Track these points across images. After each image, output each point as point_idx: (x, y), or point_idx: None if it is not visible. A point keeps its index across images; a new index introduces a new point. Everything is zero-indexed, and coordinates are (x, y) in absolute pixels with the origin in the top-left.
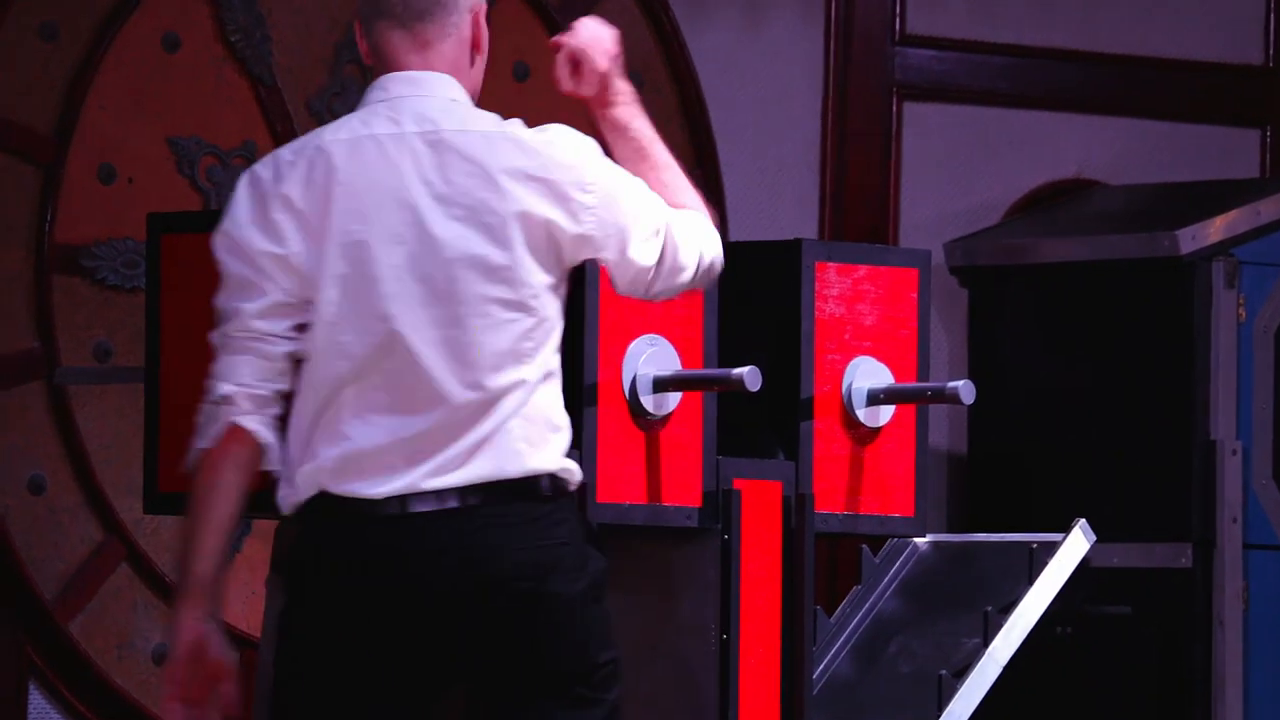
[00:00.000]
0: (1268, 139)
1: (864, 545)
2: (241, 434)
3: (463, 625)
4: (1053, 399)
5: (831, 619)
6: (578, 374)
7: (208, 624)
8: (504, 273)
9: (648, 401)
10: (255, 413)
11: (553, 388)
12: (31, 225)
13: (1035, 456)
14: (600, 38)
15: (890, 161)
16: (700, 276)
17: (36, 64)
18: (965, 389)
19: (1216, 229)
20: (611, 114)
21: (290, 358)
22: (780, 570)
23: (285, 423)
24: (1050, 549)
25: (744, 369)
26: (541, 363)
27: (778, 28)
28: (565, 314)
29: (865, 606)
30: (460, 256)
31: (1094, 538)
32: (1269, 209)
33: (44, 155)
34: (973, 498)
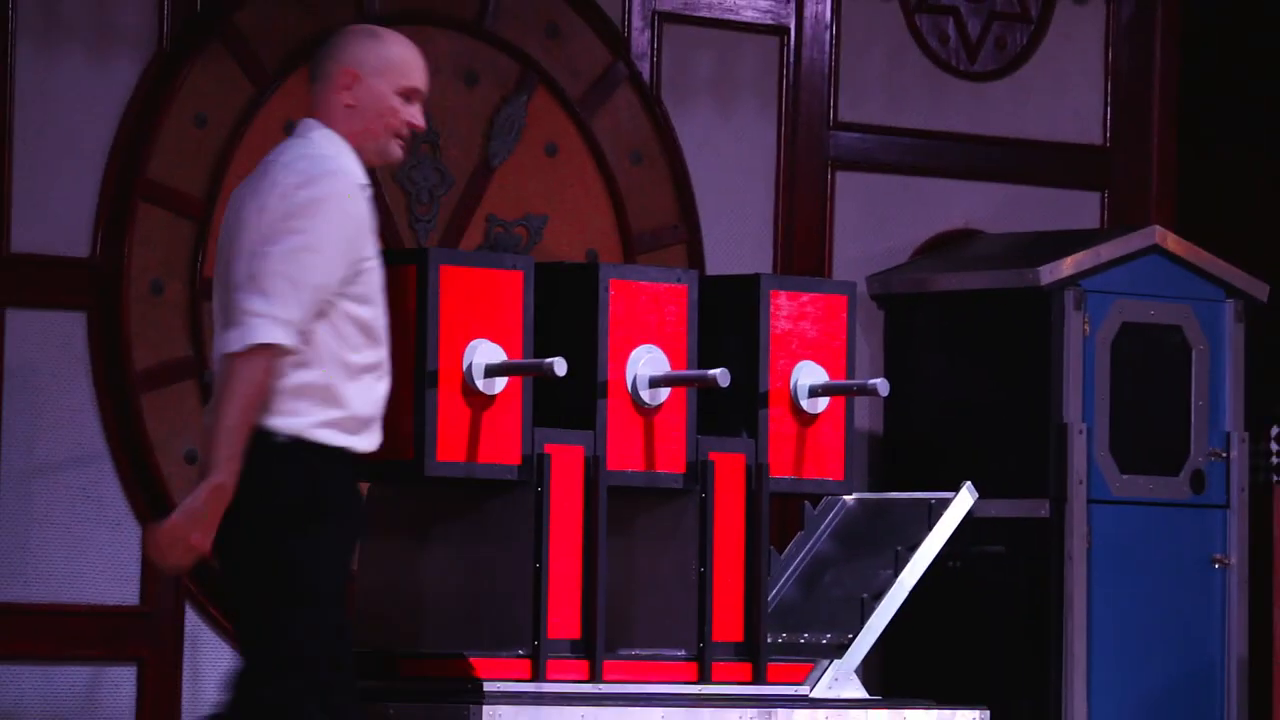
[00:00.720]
0: (1105, 200)
1: (806, 502)
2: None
3: None
4: (947, 392)
5: (781, 556)
6: (591, 374)
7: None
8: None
9: (645, 395)
10: None
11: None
12: (188, 264)
13: (934, 435)
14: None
15: (826, 215)
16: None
17: (191, 144)
18: (882, 385)
19: (1068, 266)
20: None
21: None
22: (744, 520)
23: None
24: (944, 504)
25: (718, 370)
26: None
27: (742, 117)
28: (581, 330)
29: (806, 547)
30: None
31: (977, 495)
32: (1107, 251)
33: (197, 212)
34: (887, 466)
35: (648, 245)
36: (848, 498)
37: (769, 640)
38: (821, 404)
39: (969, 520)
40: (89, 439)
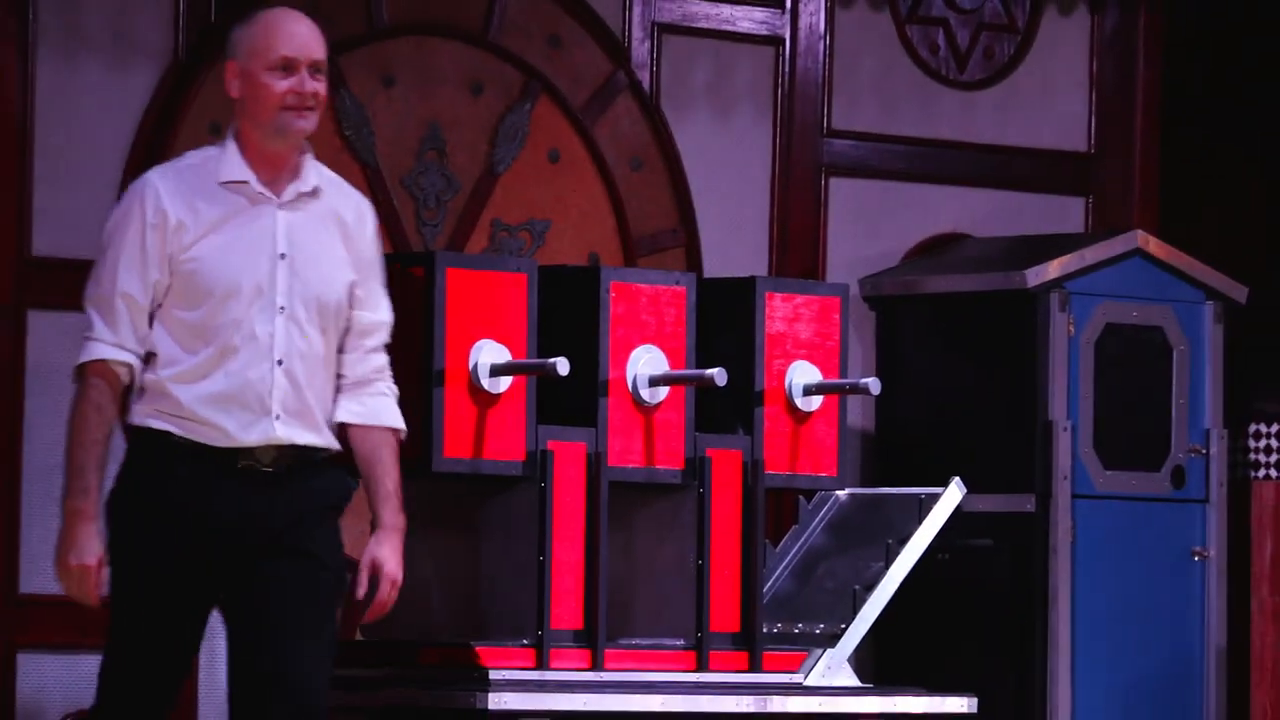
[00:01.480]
0: (1089, 205)
1: (800, 496)
2: None
3: None
4: (936, 391)
5: (777, 549)
6: (592, 373)
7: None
8: None
9: (645, 393)
10: None
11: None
12: None
13: (924, 433)
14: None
15: (820, 220)
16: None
17: None
18: (874, 384)
19: (1053, 269)
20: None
21: None
22: (740, 515)
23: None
24: (934, 499)
25: (715, 370)
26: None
27: (739, 124)
28: (583, 331)
29: (801, 540)
30: None
31: (965, 490)
32: (1090, 255)
33: None
34: (878, 462)
35: (647, 249)
36: (840, 493)
37: (764, 630)
38: (815, 402)
39: (957, 514)
40: None
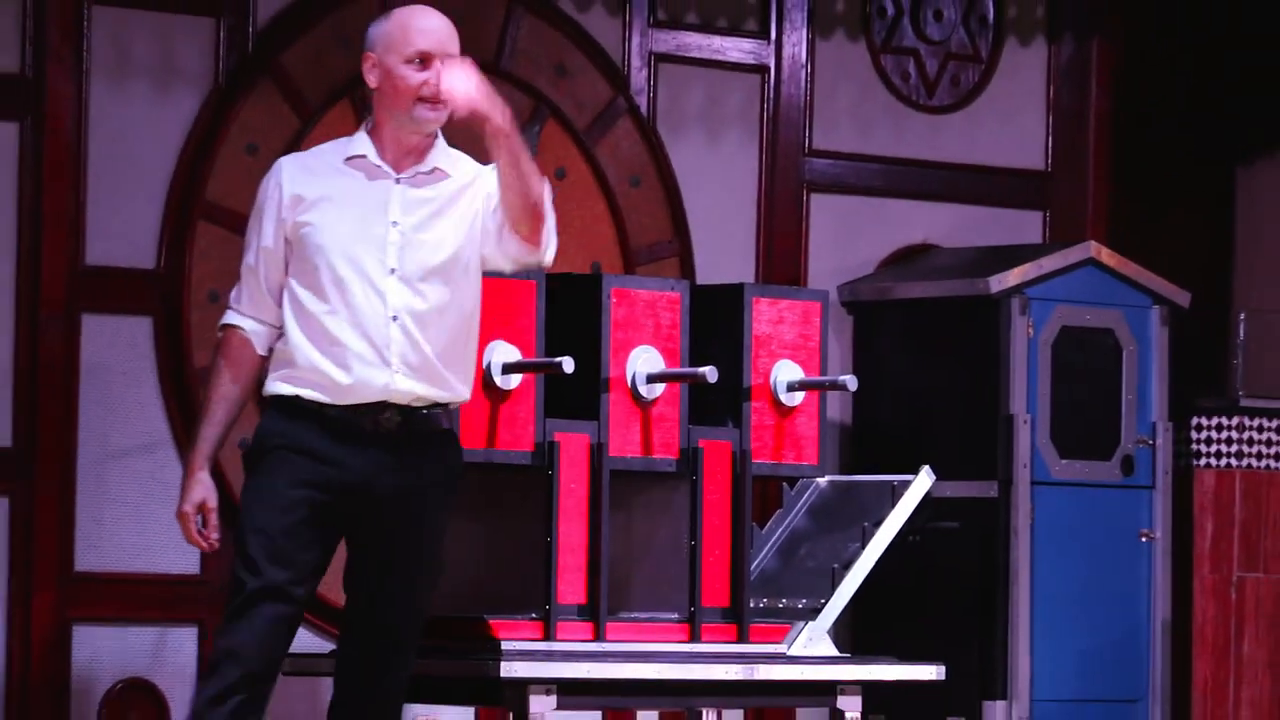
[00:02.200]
0: (1047, 219)
1: (784, 483)
2: None
3: None
4: (908, 387)
5: (762, 531)
6: (595, 371)
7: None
8: None
9: (643, 390)
10: None
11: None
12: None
13: (896, 425)
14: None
15: (802, 232)
16: None
17: (243, 170)
18: (851, 381)
19: (1014, 277)
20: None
21: None
22: (729, 500)
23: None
24: (905, 485)
25: (707, 368)
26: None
27: (728, 145)
28: (587, 333)
29: (784, 523)
30: None
31: (934, 478)
32: (1048, 264)
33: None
34: (855, 452)
35: (645, 258)
36: (821, 480)
37: (751, 605)
38: (798, 398)
39: (927, 500)
40: (155, 428)
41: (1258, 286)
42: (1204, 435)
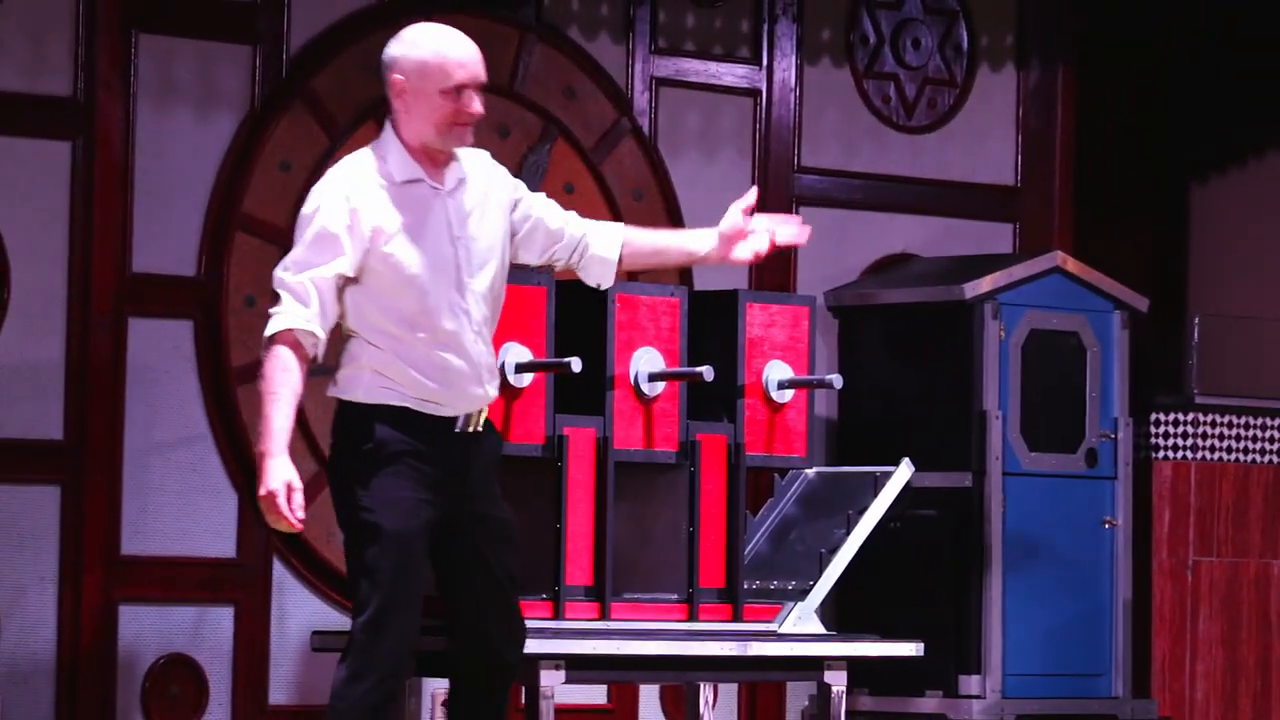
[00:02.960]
0: (1017, 230)
1: (775, 473)
2: None
3: None
4: (890, 386)
5: (755, 518)
6: (601, 370)
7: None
8: None
9: (645, 388)
10: None
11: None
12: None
13: (879, 420)
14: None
15: None
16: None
17: (278, 185)
18: (837, 380)
19: (986, 284)
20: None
21: None
22: (725, 489)
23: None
24: (887, 476)
25: (704, 368)
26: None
27: (723, 162)
28: (593, 335)
29: (776, 511)
30: None
31: (914, 469)
32: (1017, 272)
33: (283, 240)
34: (841, 445)
35: None
36: (809, 471)
37: (745, 586)
38: (788, 395)
39: (907, 489)
40: (195, 424)
41: (1211, 292)
42: (1162, 430)
